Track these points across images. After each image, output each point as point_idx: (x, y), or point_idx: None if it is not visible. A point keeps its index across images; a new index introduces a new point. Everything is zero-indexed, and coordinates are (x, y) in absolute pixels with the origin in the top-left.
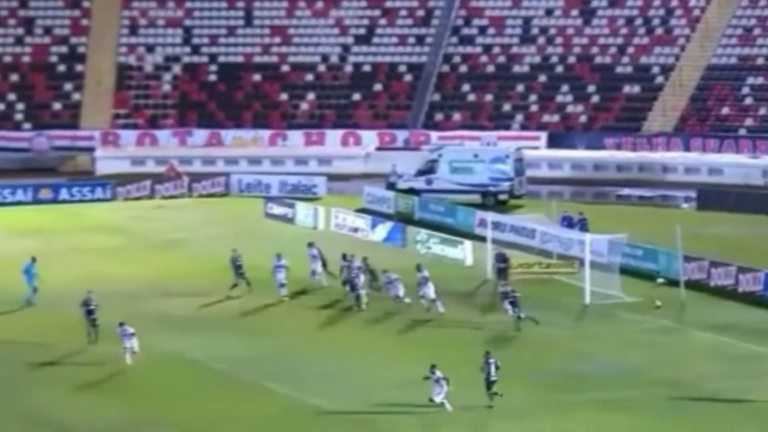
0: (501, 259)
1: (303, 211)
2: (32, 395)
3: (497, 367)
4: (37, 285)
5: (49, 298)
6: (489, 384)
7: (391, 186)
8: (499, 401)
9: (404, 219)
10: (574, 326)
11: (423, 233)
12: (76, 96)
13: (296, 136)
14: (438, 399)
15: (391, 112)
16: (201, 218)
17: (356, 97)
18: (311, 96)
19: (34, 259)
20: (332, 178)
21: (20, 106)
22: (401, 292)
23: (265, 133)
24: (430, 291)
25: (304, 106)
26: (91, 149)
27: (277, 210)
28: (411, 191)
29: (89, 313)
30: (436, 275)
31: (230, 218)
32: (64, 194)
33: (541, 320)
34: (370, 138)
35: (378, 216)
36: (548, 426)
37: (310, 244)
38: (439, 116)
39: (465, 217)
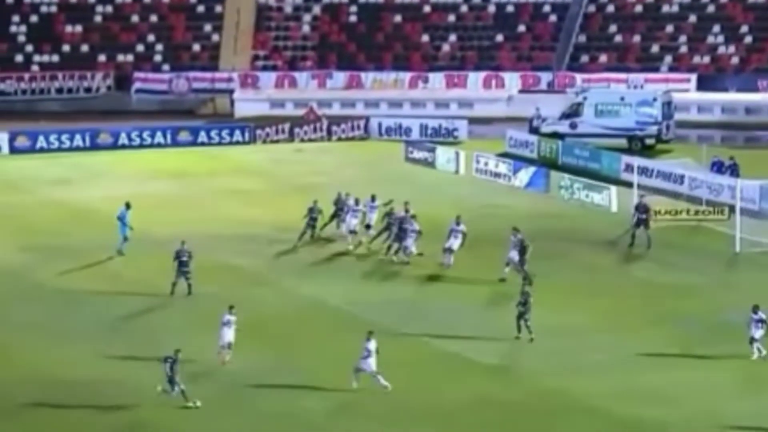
0: (642, 209)
1: (444, 155)
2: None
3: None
4: (129, 234)
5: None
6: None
7: (534, 130)
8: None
9: (547, 164)
10: (723, 275)
11: (567, 178)
12: (215, 37)
13: (437, 79)
14: (757, 336)
15: (535, 53)
16: (340, 162)
17: (499, 38)
18: (453, 37)
19: (128, 205)
20: (474, 121)
21: (159, 47)
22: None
23: (406, 76)
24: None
25: (446, 47)
26: (230, 91)
27: (418, 154)
28: (555, 135)
29: (181, 264)
30: (580, 222)
31: (370, 162)
32: (202, 137)
33: (690, 268)
34: (512, 80)
35: (520, 161)
36: (693, 377)
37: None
38: (584, 58)
39: (610, 162)
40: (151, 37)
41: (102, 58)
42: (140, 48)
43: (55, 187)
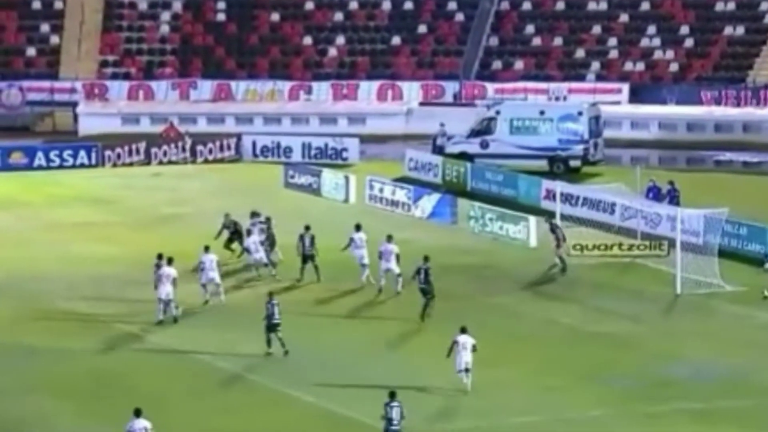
0: (553, 228)
1: (331, 180)
2: None
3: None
4: None
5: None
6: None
7: (438, 149)
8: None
9: (454, 190)
10: (662, 321)
11: (477, 207)
12: (55, 39)
13: (323, 89)
14: None
15: (438, 59)
16: (207, 188)
17: (396, 41)
18: (341, 40)
19: None
20: (366, 139)
21: None
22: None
23: (285, 86)
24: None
25: (333, 51)
26: (72, 104)
27: (300, 179)
28: (463, 156)
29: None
30: (494, 259)
31: (243, 188)
32: (39, 159)
33: (625, 312)
34: (412, 91)
35: (422, 186)
36: None
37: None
38: (496, 64)
39: (529, 188)
40: None
41: None
42: None
43: None
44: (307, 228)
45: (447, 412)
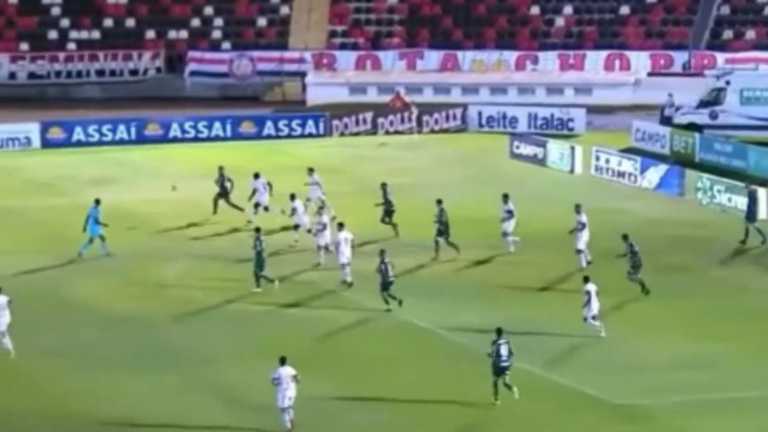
0: (751, 197)
1: (556, 150)
2: None
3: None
4: (103, 233)
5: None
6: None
7: (666, 120)
8: None
9: (682, 161)
10: None
11: (705, 179)
12: (285, 10)
13: (549, 59)
14: None
15: (668, 29)
16: (432, 158)
17: (624, 10)
18: (568, 9)
19: (98, 201)
20: (593, 110)
21: (218, 21)
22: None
23: (512, 56)
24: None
25: (560, 21)
26: (301, 74)
27: (525, 149)
28: (691, 127)
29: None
30: (721, 232)
31: (468, 159)
32: (269, 128)
33: None
34: (640, 61)
35: (649, 157)
36: None
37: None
38: (727, 34)
39: (758, 159)
40: (208, 10)
41: (150, 34)
42: (196, 23)
43: (94, 188)
44: (439, 202)
45: (670, 386)
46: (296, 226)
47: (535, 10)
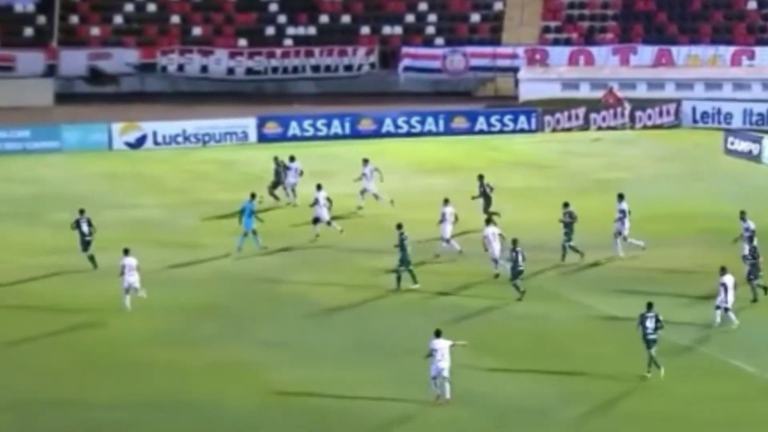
0: None
1: None
2: None
3: (524, 257)
4: (255, 228)
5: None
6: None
7: None
8: None
9: None
10: None
11: None
12: (498, 5)
13: (766, 55)
14: None
15: None
16: (646, 154)
17: None
18: None
19: (253, 196)
20: None
21: (432, 17)
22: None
23: (727, 51)
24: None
25: None
26: (514, 70)
27: (740, 145)
28: None
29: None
30: None
31: (681, 154)
32: (481, 123)
33: None
34: None
35: None
36: None
37: None
38: None
39: None
40: (422, 6)
41: (365, 30)
42: (410, 19)
43: (309, 182)
44: (566, 205)
45: None
46: (316, 220)
47: (752, 5)
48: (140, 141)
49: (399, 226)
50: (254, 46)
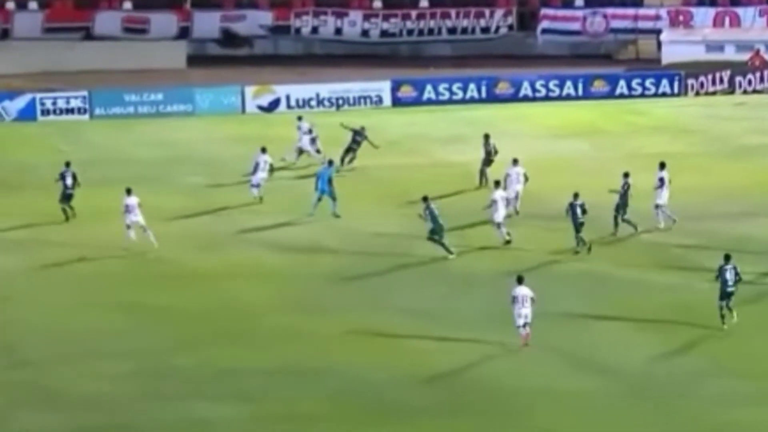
0: None
1: None
2: None
3: (584, 211)
4: (334, 194)
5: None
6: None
7: None
8: None
9: None
10: None
11: None
12: None
13: None
14: None
15: None
16: None
17: None
18: None
19: (330, 162)
20: None
21: None
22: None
23: None
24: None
25: None
26: (656, 31)
27: None
28: None
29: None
30: None
31: None
32: (621, 87)
33: None
34: None
35: None
36: None
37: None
38: None
39: None
40: None
41: None
42: None
43: (445, 147)
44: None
45: None
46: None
47: None
48: (273, 104)
49: (425, 199)
50: (389, 7)
